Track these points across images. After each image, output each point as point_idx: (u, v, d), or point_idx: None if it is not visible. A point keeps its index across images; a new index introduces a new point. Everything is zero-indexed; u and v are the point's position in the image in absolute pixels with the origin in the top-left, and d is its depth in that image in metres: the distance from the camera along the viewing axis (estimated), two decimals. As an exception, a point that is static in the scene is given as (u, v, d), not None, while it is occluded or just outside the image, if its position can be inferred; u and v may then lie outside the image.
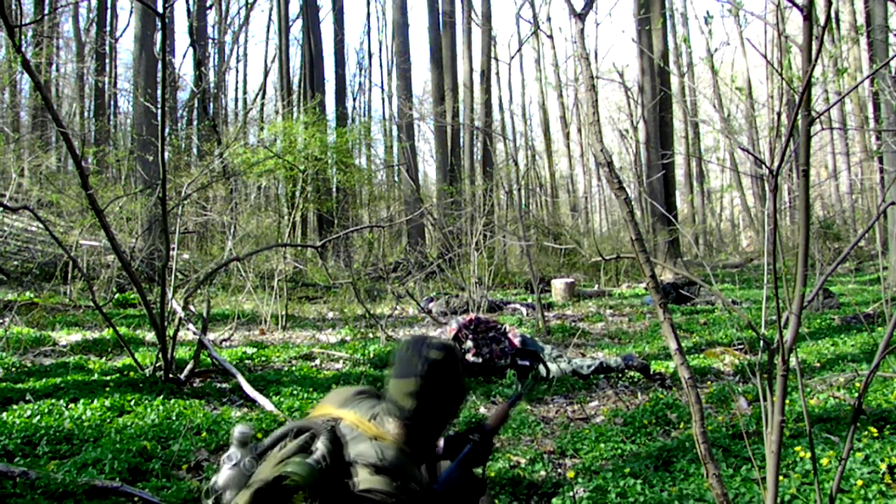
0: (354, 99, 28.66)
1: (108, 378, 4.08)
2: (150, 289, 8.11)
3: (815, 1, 2.37)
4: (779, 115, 2.12)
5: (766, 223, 1.64)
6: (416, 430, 1.53)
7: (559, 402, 3.99)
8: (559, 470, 2.69)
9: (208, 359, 4.58)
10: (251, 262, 8.69)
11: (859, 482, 2.18)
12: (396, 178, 20.44)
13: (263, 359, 5.35)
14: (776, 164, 1.57)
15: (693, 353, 5.31)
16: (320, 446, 1.41)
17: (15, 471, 2.35)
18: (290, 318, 8.07)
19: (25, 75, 10.54)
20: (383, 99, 29.71)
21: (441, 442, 1.79)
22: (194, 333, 4.77)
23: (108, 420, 3.27)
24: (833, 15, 15.64)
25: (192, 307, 6.73)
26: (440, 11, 17.92)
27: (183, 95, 21.12)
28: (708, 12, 2.02)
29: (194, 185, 7.13)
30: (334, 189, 16.95)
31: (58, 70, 21.09)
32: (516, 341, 4.77)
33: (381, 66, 34.25)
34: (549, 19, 22.69)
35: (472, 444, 1.72)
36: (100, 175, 14.40)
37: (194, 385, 4.20)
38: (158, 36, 11.51)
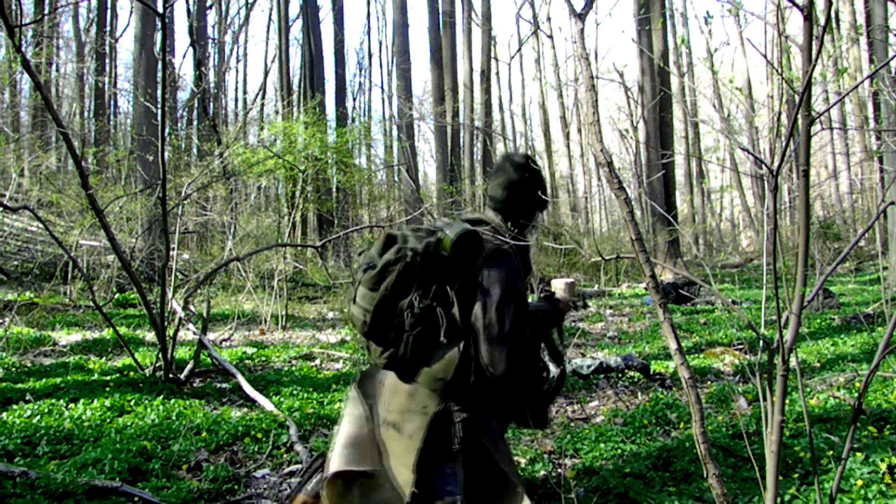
0: (354, 99, 28.68)
1: (108, 378, 4.08)
2: (150, 289, 8.11)
3: (815, 1, 2.36)
4: (779, 115, 2.11)
5: (766, 223, 1.64)
6: (508, 214, 2.14)
7: (559, 402, 3.98)
8: (559, 470, 2.69)
9: (208, 359, 4.59)
10: (251, 262, 8.69)
11: (859, 482, 2.18)
12: (396, 178, 20.44)
13: (263, 359, 5.35)
14: (776, 164, 1.57)
15: (693, 353, 5.31)
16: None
17: (15, 471, 2.35)
18: (290, 318, 8.07)
19: (25, 75, 10.54)
20: (383, 99, 29.70)
21: None
22: (194, 333, 4.77)
23: (108, 420, 3.27)
24: (833, 15, 15.63)
25: (192, 307, 6.73)
26: (440, 11, 17.92)
27: (183, 95, 21.14)
28: (708, 12, 2.02)
29: (194, 185, 7.13)
30: (334, 189, 16.95)
31: (58, 70, 21.09)
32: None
33: (381, 66, 34.24)
34: (549, 19, 22.68)
35: (545, 298, 2.21)
36: (100, 175, 14.40)
37: (194, 385, 4.20)
38: (158, 36, 11.51)
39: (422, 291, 1.96)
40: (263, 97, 27.39)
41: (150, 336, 6.16)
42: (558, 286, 2.28)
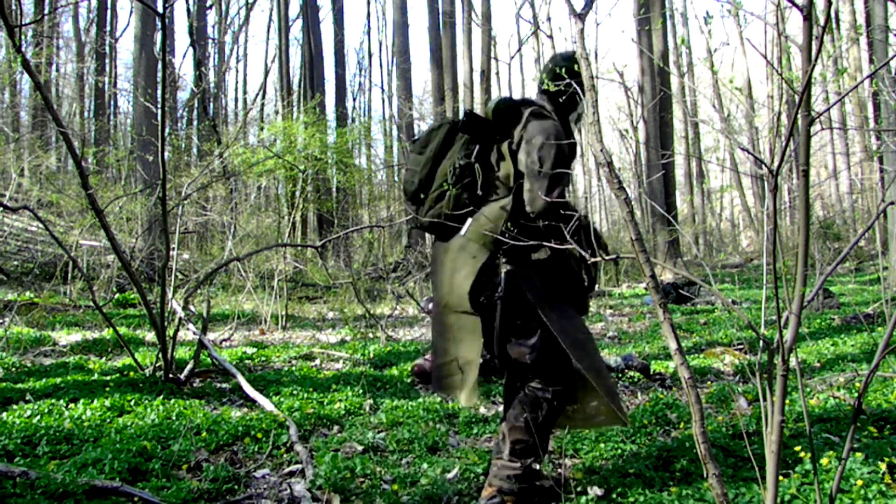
0: (354, 99, 28.72)
1: (108, 378, 4.07)
2: (150, 289, 8.12)
3: (815, 1, 2.36)
4: (779, 115, 2.11)
5: (766, 223, 1.64)
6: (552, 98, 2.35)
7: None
8: (559, 470, 2.69)
9: (208, 359, 4.58)
10: (251, 262, 8.69)
11: (859, 482, 2.18)
12: (396, 178, 20.43)
13: (263, 359, 5.35)
14: (776, 164, 1.57)
15: (693, 353, 5.31)
16: None
17: (15, 471, 2.35)
18: (290, 318, 8.06)
19: (25, 75, 10.54)
20: (383, 99, 29.73)
21: None
22: (194, 333, 4.77)
23: (108, 420, 3.27)
24: (833, 15, 15.64)
25: (192, 307, 6.73)
26: (440, 11, 17.92)
27: (183, 95, 21.15)
28: (708, 12, 2.02)
29: (194, 185, 7.13)
30: (334, 189, 16.95)
31: (58, 70, 21.10)
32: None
33: (381, 66, 34.29)
34: (549, 19, 22.69)
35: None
36: (100, 175, 14.41)
37: (194, 385, 4.20)
38: (158, 36, 11.51)
39: (465, 153, 2.24)
40: (263, 97, 27.41)
41: (150, 336, 6.16)
42: None
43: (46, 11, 16.55)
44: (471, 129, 2.28)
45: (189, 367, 4.18)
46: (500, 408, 3.79)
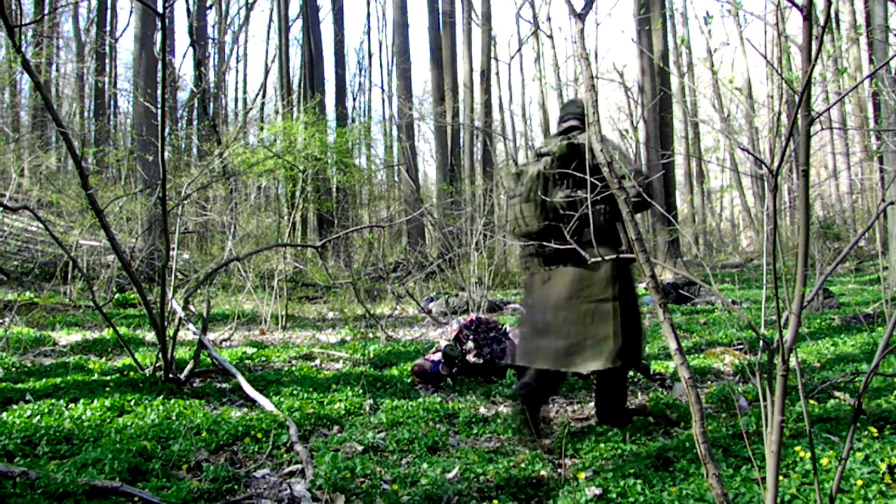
0: (354, 99, 28.72)
1: (108, 378, 4.08)
2: (150, 289, 8.12)
3: (815, 1, 2.36)
4: (779, 115, 2.11)
5: (766, 223, 1.64)
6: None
7: (559, 402, 3.98)
8: (559, 470, 2.69)
9: (208, 359, 4.58)
10: (251, 262, 8.69)
11: (859, 482, 2.18)
12: (396, 178, 20.44)
13: (263, 359, 5.35)
14: (776, 164, 1.57)
15: (693, 353, 5.31)
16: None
17: (15, 471, 2.35)
18: (290, 318, 8.06)
19: (25, 75, 10.55)
20: (383, 99, 29.74)
21: None
22: (194, 333, 4.77)
23: (108, 420, 3.27)
24: (833, 15, 15.64)
25: (192, 307, 6.73)
26: (440, 11, 17.92)
27: (183, 95, 21.16)
28: (708, 12, 2.02)
29: (194, 185, 7.13)
30: (334, 189, 16.96)
31: (58, 70, 21.11)
32: (517, 342, 4.74)
33: (381, 66, 34.31)
34: (549, 19, 22.63)
35: None
36: (100, 175, 14.41)
37: (194, 385, 4.20)
38: (158, 36, 11.51)
39: (564, 185, 2.92)
40: (263, 97, 27.42)
41: (150, 336, 6.17)
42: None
43: (46, 11, 16.56)
44: (557, 169, 2.94)
45: (189, 367, 4.18)
46: (501, 408, 3.80)
